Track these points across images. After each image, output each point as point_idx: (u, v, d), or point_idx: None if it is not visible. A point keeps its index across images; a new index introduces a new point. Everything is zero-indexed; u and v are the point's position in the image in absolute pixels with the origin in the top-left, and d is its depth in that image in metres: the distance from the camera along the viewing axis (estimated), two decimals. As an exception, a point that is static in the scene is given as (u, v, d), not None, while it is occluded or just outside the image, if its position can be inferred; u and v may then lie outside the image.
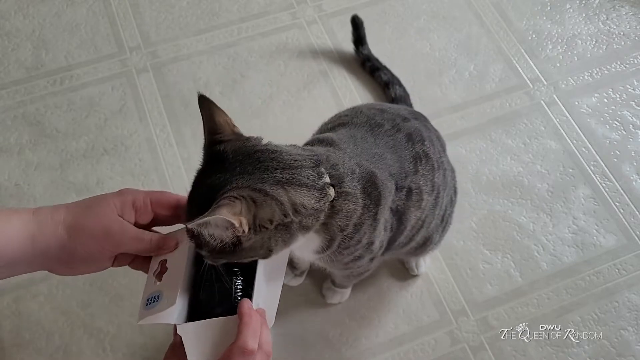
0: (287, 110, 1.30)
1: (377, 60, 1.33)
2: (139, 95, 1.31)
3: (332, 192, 0.68)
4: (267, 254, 0.66)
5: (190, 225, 0.58)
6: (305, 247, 0.74)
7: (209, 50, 1.38)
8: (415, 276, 1.11)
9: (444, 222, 0.97)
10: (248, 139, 0.68)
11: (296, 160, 0.66)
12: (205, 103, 0.68)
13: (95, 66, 1.35)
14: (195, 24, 1.42)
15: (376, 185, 0.74)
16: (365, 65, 1.34)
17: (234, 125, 0.69)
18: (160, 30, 1.41)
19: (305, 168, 0.66)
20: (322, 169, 0.68)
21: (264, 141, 0.68)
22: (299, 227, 0.66)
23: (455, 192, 1.00)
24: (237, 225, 0.59)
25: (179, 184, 1.18)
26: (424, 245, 0.96)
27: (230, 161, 0.64)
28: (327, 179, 0.68)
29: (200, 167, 0.68)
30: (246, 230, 0.60)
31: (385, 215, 0.78)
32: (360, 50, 1.34)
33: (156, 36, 1.40)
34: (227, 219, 0.58)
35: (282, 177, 0.64)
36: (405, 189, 0.81)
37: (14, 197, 1.17)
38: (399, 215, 0.82)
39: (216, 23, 1.42)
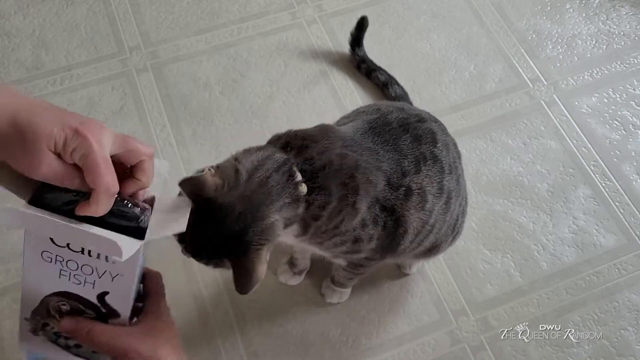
0: (287, 110, 1.30)
1: (372, 61, 1.33)
2: (139, 95, 1.31)
3: (304, 189, 0.74)
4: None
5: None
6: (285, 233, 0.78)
7: (209, 50, 1.38)
8: (415, 276, 1.11)
9: (455, 231, 0.97)
10: (237, 182, 0.71)
11: (278, 184, 0.72)
12: (188, 183, 0.70)
13: (95, 66, 1.35)
14: (195, 24, 1.42)
15: (354, 177, 0.77)
16: (361, 67, 1.34)
17: (213, 176, 0.70)
18: (160, 30, 1.41)
19: (286, 187, 0.73)
20: (296, 175, 0.74)
21: (247, 167, 0.72)
22: (283, 228, 0.75)
23: (466, 202, 1.00)
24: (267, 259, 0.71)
25: (179, 184, 1.18)
26: (430, 251, 0.96)
27: (236, 212, 0.69)
28: (301, 186, 0.74)
29: (198, 216, 0.68)
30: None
31: (368, 205, 0.79)
32: (356, 51, 1.34)
33: (156, 36, 1.40)
34: (266, 260, 0.70)
35: (277, 205, 0.72)
36: (404, 188, 0.81)
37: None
38: (396, 216, 0.81)
39: (216, 23, 1.42)
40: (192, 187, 0.69)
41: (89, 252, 0.55)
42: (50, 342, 0.63)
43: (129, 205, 0.55)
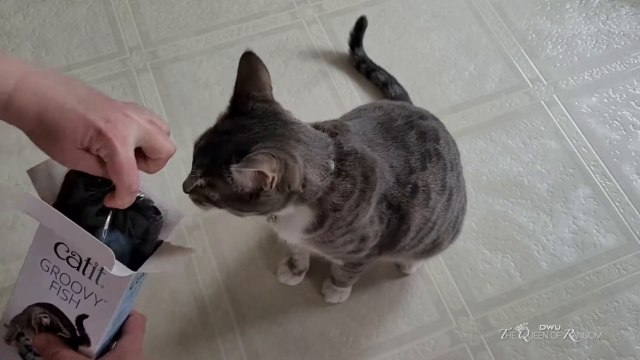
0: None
1: (371, 61, 1.33)
2: (139, 95, 1.31)
3: (332, 166, 0.73)
4: (265, 212, 0.72)
5: (232, 169, 0.63)
6: (295, 224, 0.76)
7: (209, 50, 1.38)
8: (415, 276, 1.11)
9: (455, 228, 0.97)
10: (282, 108, 0.74)
11: (319, 140, 0.73)
12: (252, 59, 0.72)
13: (95, 66, 1.35)
14: (195, 24, 1.42)
15: (374, 170, 0.77)
16: (361, 67, 1.34)
17: (271, 88, 0.74)
18: (160, 30, 1.41)
19: (321, 149, 0.72)
20: (332, 150, 0.73)
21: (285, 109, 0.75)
22: (298, 199, 0.71)
23: (466, 200, 1.00)
24: (269, 180, 0.64)
25: (179, 184, 1.18)
26: (432, 250, 0.96)
27: (270, 121, 0.70)
28: (332, 161, 0.73)
29: (228, 114, 0.72)
30: (272, 187, 0.65)
31: (377, 201, 0.79)
32: (355, 52, 1.34)
33: (156, 36, 1.40)
34: (264, 173, 0.63)
35: (307, 153, 0.70)
36: (411, 185, 0.81)
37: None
38: (401, 213, 0.81)
39: (216, 23, 1.42)
40: (249, 68, 0.71)
41: (84, 270, 0.56)
42: (19, 355, 0.63)
43: (149, 204, 0.59)
